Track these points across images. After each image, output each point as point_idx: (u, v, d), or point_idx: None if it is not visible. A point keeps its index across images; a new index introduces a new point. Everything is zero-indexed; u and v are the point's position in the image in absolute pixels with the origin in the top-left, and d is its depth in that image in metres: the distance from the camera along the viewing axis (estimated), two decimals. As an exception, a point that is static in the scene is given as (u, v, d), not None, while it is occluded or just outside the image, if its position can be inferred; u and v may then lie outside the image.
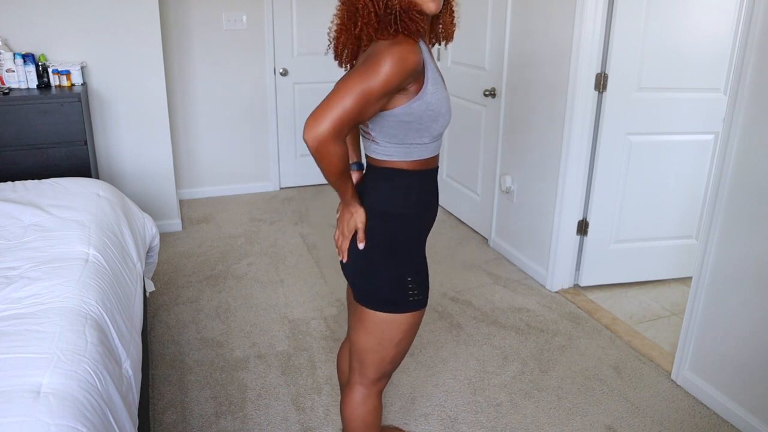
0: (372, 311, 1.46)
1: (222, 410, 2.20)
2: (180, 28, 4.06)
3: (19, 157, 2.95)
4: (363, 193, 1.46)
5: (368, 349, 1.51)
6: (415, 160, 1.39)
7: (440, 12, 1.38)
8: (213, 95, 4.29)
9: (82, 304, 1.60)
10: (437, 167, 1.47)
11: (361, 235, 1.42)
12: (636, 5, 2.65)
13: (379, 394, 1.62)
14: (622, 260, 3.11)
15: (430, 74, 1.32)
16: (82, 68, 3.31)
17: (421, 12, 1.29)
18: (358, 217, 1.41)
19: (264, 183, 4.64)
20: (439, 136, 1.40)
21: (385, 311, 1.46)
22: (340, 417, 2.03)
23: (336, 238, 1.49)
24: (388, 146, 1.37)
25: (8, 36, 3.16)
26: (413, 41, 1.27)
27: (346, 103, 1.19)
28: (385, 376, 1.59)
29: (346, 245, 1.45)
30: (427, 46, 1.39)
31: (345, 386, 1.75)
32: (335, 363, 2.48)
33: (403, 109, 1.30)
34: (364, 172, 1.54)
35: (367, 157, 1.45)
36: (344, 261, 1.47)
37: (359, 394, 1.60)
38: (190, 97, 4.24)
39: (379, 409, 1.63)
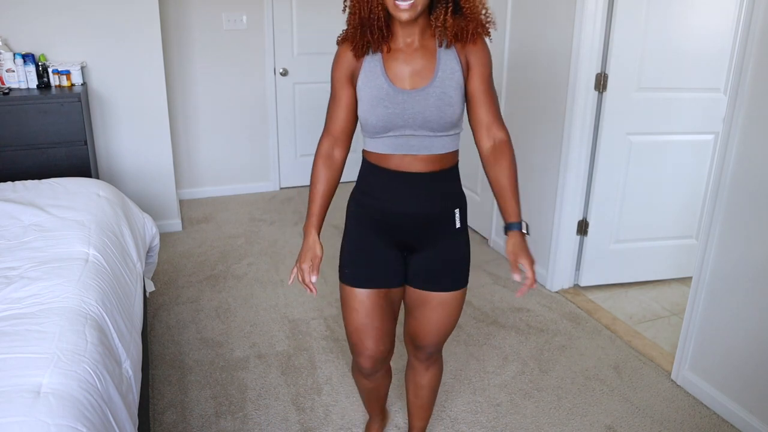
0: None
1: (222, 410, 2.20)
2: (180, 28, 4.06)
3: (19, 157, 2.95)
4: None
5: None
6: None
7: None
8: (213, 95, 4.29)
9: (82, 304, 1.61)
10: None
11: None
12: (636, 5, 2.65)
13: None
14: (622, 260, 3.11)
15: None
16: (82, 68, 3.31)
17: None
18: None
19: (264, 183, 4.64)
20: None
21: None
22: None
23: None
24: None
25: (8, 36, 3.15)
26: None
27: None
28: None
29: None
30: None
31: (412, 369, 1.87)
32: (335, 362, 2.49)
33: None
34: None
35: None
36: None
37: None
38: (190, 97, 4.24)
39: None
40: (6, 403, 1.20)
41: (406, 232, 1.57)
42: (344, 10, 1.48)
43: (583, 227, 3.05)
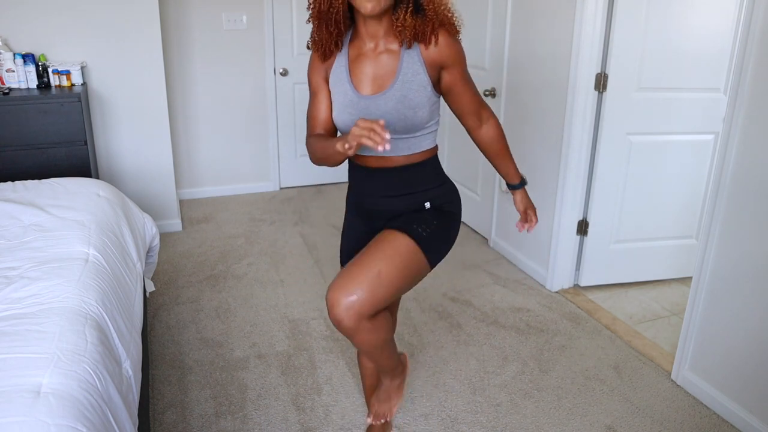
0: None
1: (222, 410, 2.20)
2: (180, 28, 4.06)
3: (19, 157, 2.95)
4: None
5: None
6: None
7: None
8: (213, 95, 4.29)
9: (82, 304, 1.60)
10: None
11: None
12: (636, 5, 2.65)
13: None
14: (622, 260, 3.11)
15: None
16: (82, 68, 3.31)
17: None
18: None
19: (264, 183, 4.64)
20: None
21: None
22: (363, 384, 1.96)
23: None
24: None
25: (8, 36, 3.16)
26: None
27: None
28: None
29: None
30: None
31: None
32: (335, 362, 2.49)
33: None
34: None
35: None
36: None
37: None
38: (190, 97, 4.24)
39: None
40: (6, 403, 1.20)
41: (380, 222, 1.63)
42: (308, 8, 1.49)
43: (583, 227, 3.05)
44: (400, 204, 1.60)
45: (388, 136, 1.22)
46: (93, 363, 1.40)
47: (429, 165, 1.59)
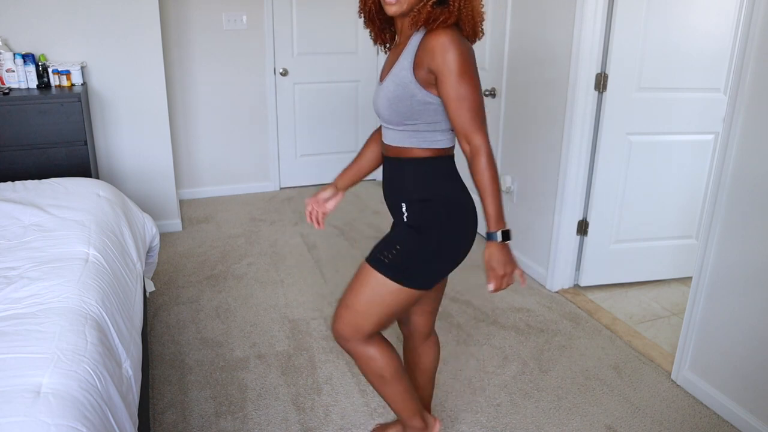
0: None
1: (222, 410, 2.20)
2: (180, 28, 4.06)
3: (19, 157, 2.95)
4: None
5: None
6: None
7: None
8: (213, 95, 4.29)
9: (82, 304, 1.60)
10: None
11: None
12: (636, 5, 2.65)
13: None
14: (622, 260, 3.11)
15: None
16: (82, 68, 3.31)
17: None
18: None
19: (264, 183, 4.64)
20: None
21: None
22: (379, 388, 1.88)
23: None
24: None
25: (8, 36, 3.16)
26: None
27: None
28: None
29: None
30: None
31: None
32: (335, 362, 2.49)
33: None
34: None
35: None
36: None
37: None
38: (190, 97, 4.24)
39: None
40: (6, 403, 1.20)
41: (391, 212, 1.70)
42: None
43: (583, 227, 3.05)
44: (390, 197, 1.66)
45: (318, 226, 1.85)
46: (93, 363, 1.40)
47: (413, 167, 1.56)
